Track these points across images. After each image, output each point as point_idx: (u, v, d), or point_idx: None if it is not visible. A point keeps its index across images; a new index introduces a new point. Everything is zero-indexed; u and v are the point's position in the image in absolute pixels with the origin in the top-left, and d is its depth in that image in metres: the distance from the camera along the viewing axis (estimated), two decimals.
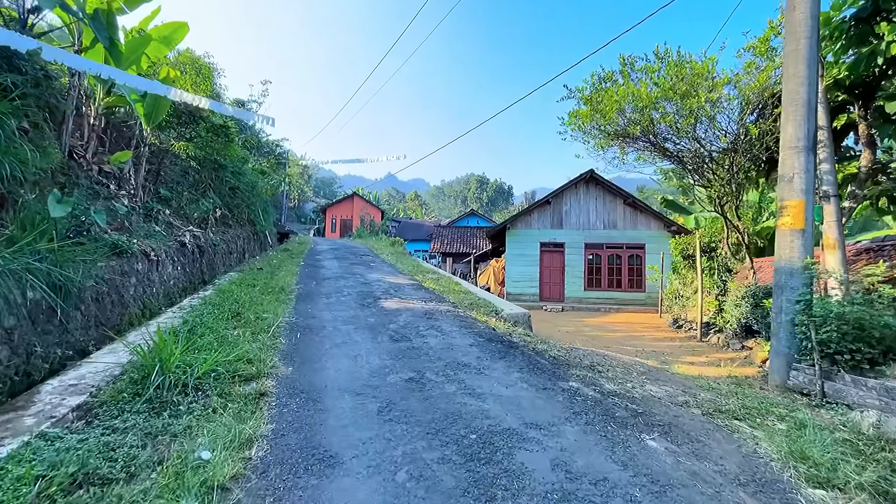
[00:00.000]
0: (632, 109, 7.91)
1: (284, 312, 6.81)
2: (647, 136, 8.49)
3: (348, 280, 10.56)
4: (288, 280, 9.79)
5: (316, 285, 9.65)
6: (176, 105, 12.36)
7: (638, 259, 17.18)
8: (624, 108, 7.97)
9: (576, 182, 17.52)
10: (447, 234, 31.35)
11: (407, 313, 7.21)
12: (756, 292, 7.66)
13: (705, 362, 6.99)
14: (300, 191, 61.97)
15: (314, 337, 5.73)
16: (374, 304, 7.83)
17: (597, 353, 6.29)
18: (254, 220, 18.50)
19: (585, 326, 11.55)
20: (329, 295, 8.60)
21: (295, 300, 7.89)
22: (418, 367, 4.70)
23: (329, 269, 12.45)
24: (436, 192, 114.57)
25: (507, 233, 17.81)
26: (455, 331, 6.28)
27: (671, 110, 7.62)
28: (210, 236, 11.99)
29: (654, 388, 4.69)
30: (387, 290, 9.29)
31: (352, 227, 41.80)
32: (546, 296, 17.47)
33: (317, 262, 14.14)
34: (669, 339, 9.62)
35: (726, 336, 8.39)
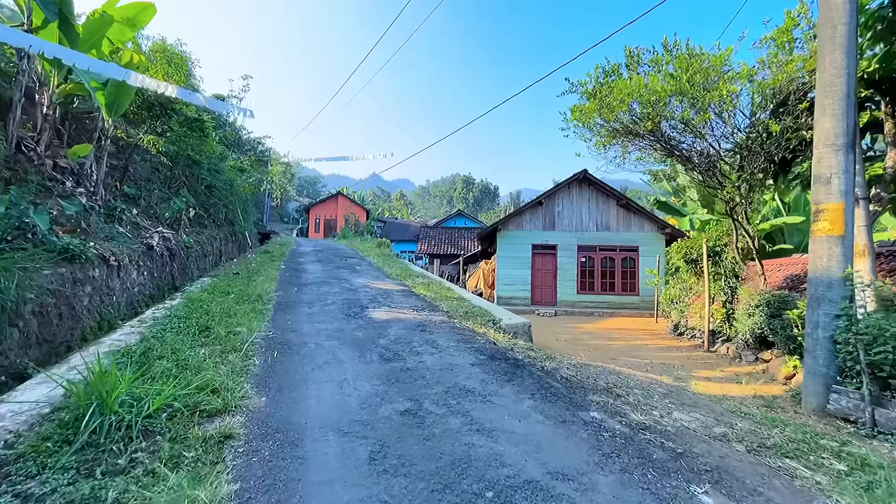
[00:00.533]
0: (642, 104, 7.41)
1: (261, 325, 6.08)
2: (655, 133, 7.99)
3: (332, 286, 9.84)
4: (266, 286, 9.03)
5: (297, 292, 8.91)
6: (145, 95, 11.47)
7: (631, 262, 16.81)
8: (633, 102, 7.45)
9: (568, 182, 17.06)
10: (434, 234, 30.69)
11: (398, 325, 6.55)
12: (771, 301, 7.23)
13: (722, 378, 6.52)
14: (283, 190, 60.62)
15: (294, 356, 5.03)
16: (361, 315, 7.15)
17: (608, 370, 5.72)
18: (232, 220, 17.61)
19: (583, 334, 11.04)
20: (311, 304, 7.88)
21: (273, 310, 7.16)
22: (415, 395, 4.05)
23: (312, 274, 11.69)
24: (421, 192, 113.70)
25: (497, 234, 17.25)
26: (453, 346, 5.64)
27: (687, 104, 7.12)
28: (182, 238, 11.14)
29: (684, 415, 4.13)
30: (375, 298, 8.61)
31: (336, 228, 40.82)
32: (538, 299, 16.97)
33: (299, 266, 13.34)
34: (674, 348, 9.16)
35: (737, 347, 7.96)
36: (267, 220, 43.96)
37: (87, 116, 10.76)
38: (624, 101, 7.47)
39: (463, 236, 30.37)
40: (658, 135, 8.12)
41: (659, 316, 13.81)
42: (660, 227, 16.71)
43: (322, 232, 41.82)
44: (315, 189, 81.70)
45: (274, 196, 57.63)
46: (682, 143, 8.29)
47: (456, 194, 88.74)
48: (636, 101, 7.36)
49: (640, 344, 9.48)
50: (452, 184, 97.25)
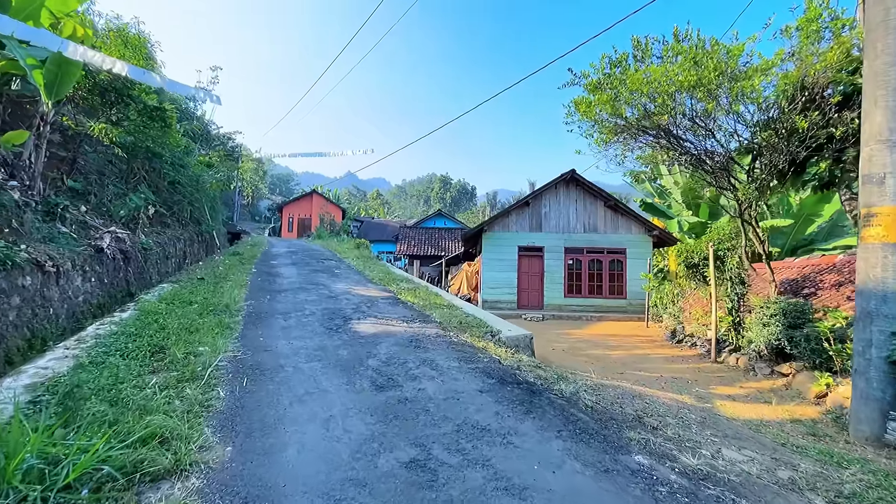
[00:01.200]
0: (660, 95, 6.83)
1: (227, 343, 5.19)
2: (666, 129, 7.46)
3: (310, 293, 8.94)
4: (235, 294, 8.07)
5: (270, 300, 7.99)
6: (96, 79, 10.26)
7: (619, 264, 16.46)
8: (649, 94, 6.87)
9: (556, 183, 16.57)
10: (414, 235, 29.86)
11: (388, 341, 5.76)
12: (788, 310, 6.80)
13: (746, 396, 6.03)
14: (254, 188, 58.50)
15: (267, 384, 4.18)
16: (344, 328, 6.32)
17: (628, 391, 5.11)
18: (199, 219, 16.36)
19: (578, 341, 10.49)
20: (287, 314, 6.99)
21: (243, 323, 6.25)
22: (420, 437, 3.29)
23: (286, 279, 10.73)
24: (397, 191, 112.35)
25: (483, 235, 16.61)
26: (454, 368, 4.91)
27: (709, 96, 6.59)
28: (140, 239, 10.01)
29: (736, 454, 3.52)
30: (358, 307, 7.78)
31: (311, 227, 39.43)
32: (524, 303, 16.41)
33: (272, 269, 12.33)
34: (678, 358, 8.69)
35: (749, 358, 7.52)
36: (238, 218, 42.13)
37: (28, 100, 9.52)
38: (642, 93, 6.89)
39: (443, 237, 29.65)
40: (670, 131, 7.60)
41: (650, 320, 13.45)
42: (647, 229, 16.42)
43: (296, 231, 40.33)
44: (288, 187, 79.44)
45: (245, 194, 55.56)
46: (690, 141, 7.77)
47: (433, 194, 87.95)
48: (654, 92, 6.78)
49: (641, 353, 8.98)
50: (430, 183, 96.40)
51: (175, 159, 14.07)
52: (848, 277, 8.74)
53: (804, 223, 15.88)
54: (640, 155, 9.11)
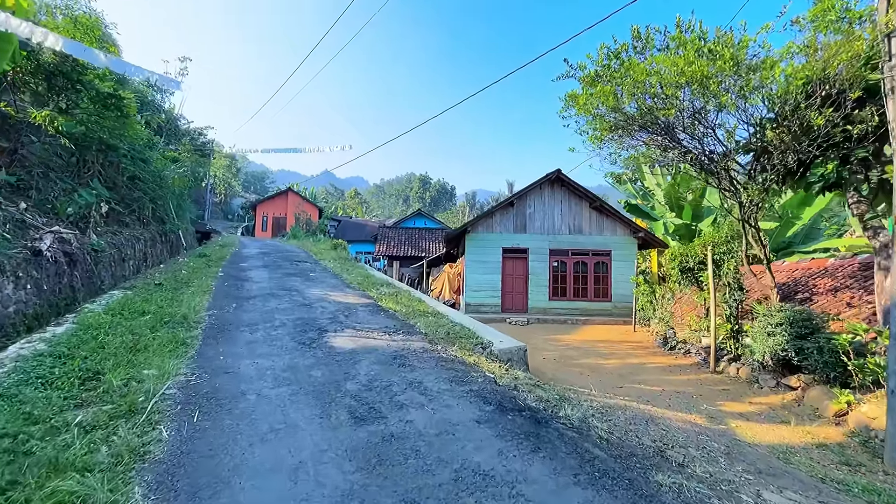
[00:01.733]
0: (668, 86, 6.36)
1: (181, 365, 4.45)
2: (671, 125, 7.02)
3: (282, 299, 8.17)
4: (197, 302, 7.25)
5: (236, 309, 7.20)
6: (39, 61, 9.25)
7: (604, 266, 16.14)
8: (656, 84, 6.39)
9: (541, 183, 16.14)
10: (393, 235, 29.08)
11: (369, 358, 5.10)
12: (795, 318, 6.45)
13: (758, 414, 5.62)
14: (227, 185, 56.45)
15: (224, 418, 3.48)
16: (319, 342, 5.62)
17: (638, 414, 4.61)
18: (162, 218, 15.26)
19: (568, 349, 10.02)
20: (254, 326, 6.24)
21: (202, 338, 5.48)
22: (410, 492, 2.67)
23: (256, 283, 9.90)
24: (376, 190, 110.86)
25: (466, 236, 16.03)
26: (446, 391, 4.29)
27: (719, 89, 6.15)
28: (91, 239, 9.05)
29: (778, 497, 3.03)
30: (335, 316, 7.08)
31: (285, 226, 38.15)
32: (508, 306, 15.92)
33: (241, 273, 11.46)
34: (675, 367, 8.30)
35: (751, 369, 7.15)
36: (209, 217, 40.46)
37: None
38: (649, 84, 6.39)
39: (424, 237, 28.97)
40: (673, 128, 7.17)
41: (637, 325, 13.13)
42: (632, 231, 16.16)
43: (270, 231, 38.96)
44: (263, 185, 77.19)
45: (217, 191, 53.53)
46: (696, 139, 7.32)
47: (413, 193, 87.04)
48: (662, 83, 6.29)
49: (636, 363, 8.56)
50: (409, 182, 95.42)
51: (135, 153, 13.00)
52: (843, 283, 8.54)
53: (785, 226, 15.93)
54: (633, 154, 8.69)
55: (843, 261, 9.33)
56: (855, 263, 8.86)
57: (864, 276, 8.16)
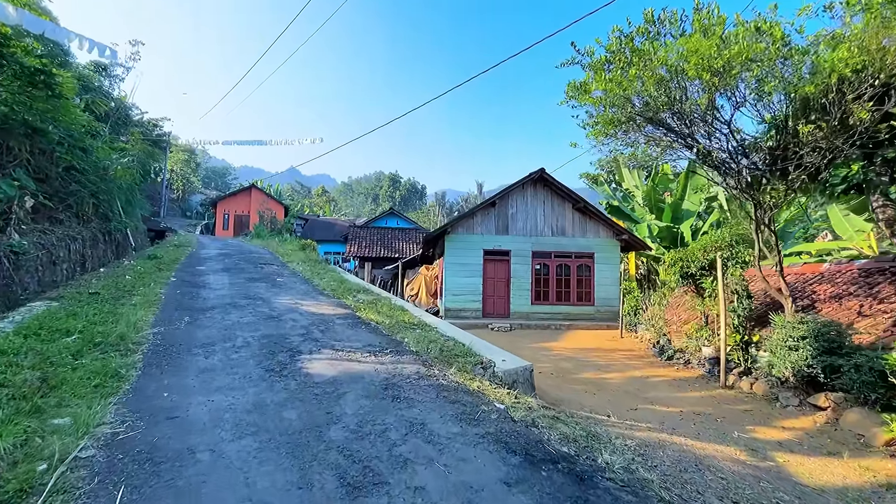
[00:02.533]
0: (703, 70, 5.70)
1: (107, 410, 3.39)
2: (690, 116, 6.41)
3: (245, 311, 7.06)
4: (140, 315, 6.07)
5: (190, 324, 6.07)
6: None
7: (587, 269, 15.68)
8: (692, 67, 5.71)
9: (523, 182, 15.49)
10: (365, 235, 27.87)
11: (355, 389, 4.17)
12: (821, 332, 5.98)
13: (798, 442, 5.04)
14: (185, 181, 53.42)
15: (162, 499, 2.49)
16: (292, 368, 4.63)
17: (684, 455, 3.89)
18: (107, 215, 13.65)
19: (561, 359, 9.35)
20: (211, 347, 5.16)
21: (142, 366, 4.39)
22: None
23: (215, 290, 8.71)
24: (344, 188, 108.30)
25: (446, 238, 15.18)
26: (457, 435, 3.43)
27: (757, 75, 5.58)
28: (12, 239, 7.68)
29: None
30: (309, 332, 6.07)
31: (249, 225, 36.13)
32: (490, 311, 15.19)
33: (197, 277, 10.18)
34: (683, 382, 7.73)
35: (769, 385, 6.63)
36: (165, 214, 37.93)
37: None
38: (676, 70, 5.72)
39: (397, 237, 27.91)
40: (692, 119, 6.57)
41: (625, 331, 12.68)
42: (616, 233, 15.77)
43: (232, 229, 36.82)
44: (225, 181, 73.78)
45: (174, 187, 50.60)
46: (719, 131, 6.70)
47: (382, 192, 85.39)
48: (700, 66, 5.62)
49: (639, 376, 7.97)
50: (378, 181, 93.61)
51: (73, 140, 11.42)
52: (845, 289, 8.24)
53: None
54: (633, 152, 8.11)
55: (839, 266, 9.09)
56: (853, 269, 8.60)
57: (868, 282, 7.88)
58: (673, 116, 6.74)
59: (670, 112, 6.59)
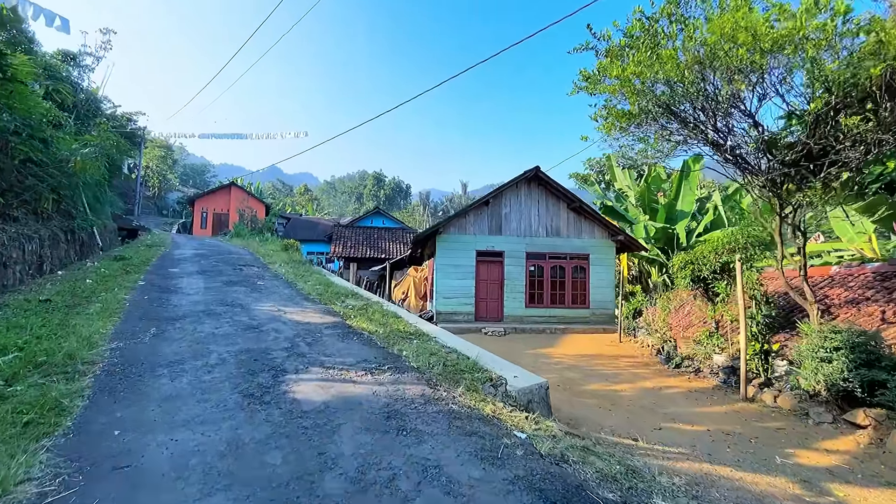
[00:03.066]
0: (755, 49, 5.16)
1: (38, 454, 2.66)
2: (709, 109, 5.90)
3: (221, 320, 6.30)
4: (98, 327, 5.28)
5: (156, 338, 5.29)
6: None
7: (582, 271, 15.22)
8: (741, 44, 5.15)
9: (517, 181, 14.93)
10: (350, 235, 27.01)
11: (352, 420, 3.51)
12: (857, 343, 5.53)
13: (848, 469, 4.56)
14: (162, 178, 51.50)
15: None
16: (275, 392, 3.94)
17: (738, 494, 3.33)
18: (70, 212, 12.64)
19: (564, 368, 8.82)
20: (179, 367, 4.42)
21: (91, 394, 3.64)
22: None
23: (188, 296, 7.89)
24: (326, 187, 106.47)
25: (437, 238, 14.53)
26: (481, 483, 2.80)
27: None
28: None
29: None
30: (294, 345, 5.36)
31: (228, 224, 34.85)
32: (482, 314, 14.60)
33: (169, 281, 9.32)
34: (700, 393, 7.22)
35: (797, 399, 6.14)
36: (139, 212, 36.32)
37: None
38: (716, 51, 5.15)
39: (383, 237, 27.13)
40: (716, 110, 6.07)
41: (624, 335, 12.24)
42: (611, 234, 15.35)
43: (210, 228, 35.46)
44: (203, 179, 71.66)
45: (150, 184, 48.73)
46: (753, 122, 6.19)
47: (366, 191, 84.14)
48: (750, 43, 5.07)
49: (650, 387, 7.48)
50: (362, 180, 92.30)
51: (31, 130, 10.43)
52: (861, 294, 7.90)
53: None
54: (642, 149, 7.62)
55: (849, 269, 8.77)
56: (866, 272, 8.28)
57: (886, 287, 7.54)
58: (698, 106, 6.22)
59: (698, 100, 6.06)
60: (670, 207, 17.08)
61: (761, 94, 5.96)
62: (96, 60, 27.51)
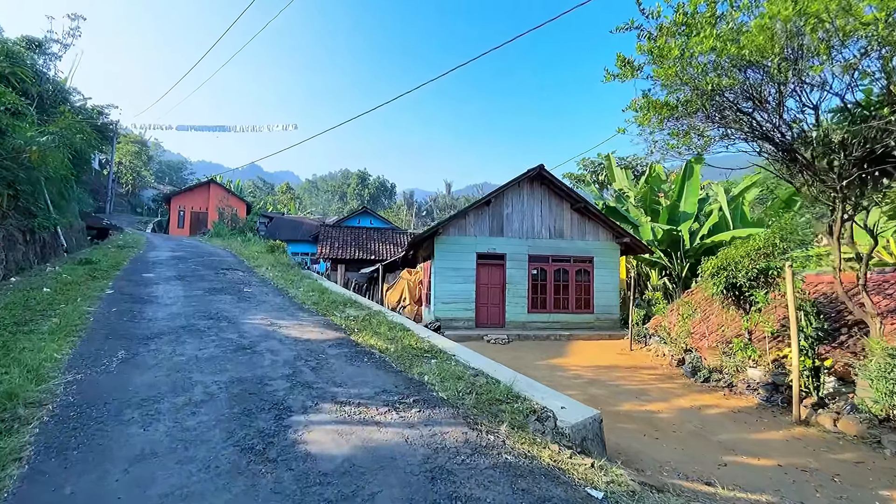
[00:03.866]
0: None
1: None
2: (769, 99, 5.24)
3: (205, 338, 5.35)
4: (49, 352, 4.30)
5: (123, 364, 4.33)
6: None
7: (586, 274, 14.58)
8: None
9: (519, 180, 14.18)
10: (338, 235, 25.91)
11: (388, 486, 2.66)
12: None
13: None
14: (136, 174, 49.28)
15: None
16: (282, 445, 3.06)
17: None
18: (31, 209, 11.41)
19: (585, 382, 8.10)
20: (153, 407, 3.48)
21: (32, 454, 2.70)
22: None
23: (165, 307, 6.88)
24: (308, 185, 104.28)
25: (436, 239, 13.68)
26: None
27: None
28: None
29: None
30: (296, 372, 4.46)
31: (207, 223, 33.25)
32: (483, 321, 13.82)
33: (142, 289, 8.26)
34: (743, 413, 6.55)
35: (867, 424, 5.55)
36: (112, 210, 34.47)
37: None
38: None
39: (373, 238, 26.11)
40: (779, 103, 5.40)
41: (634, 342, 11.63)
42: (615, 236, 14.75)
43: (188, 228, 33.81)
44: (180, 176, 69.15)
45: (123, 181, 46.56)
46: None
47: (350, 190, 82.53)
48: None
49: (687, 406, 6.80)
50: (345, 178, 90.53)
51: None
52: None
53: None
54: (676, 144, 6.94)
55: (883, 275, 8.28)
56: None
57: None
58: (786, 91, 5.49)
59: (787, 81, 5.29)
60: (673, 209, 16.62)
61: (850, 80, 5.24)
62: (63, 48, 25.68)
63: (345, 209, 70.43)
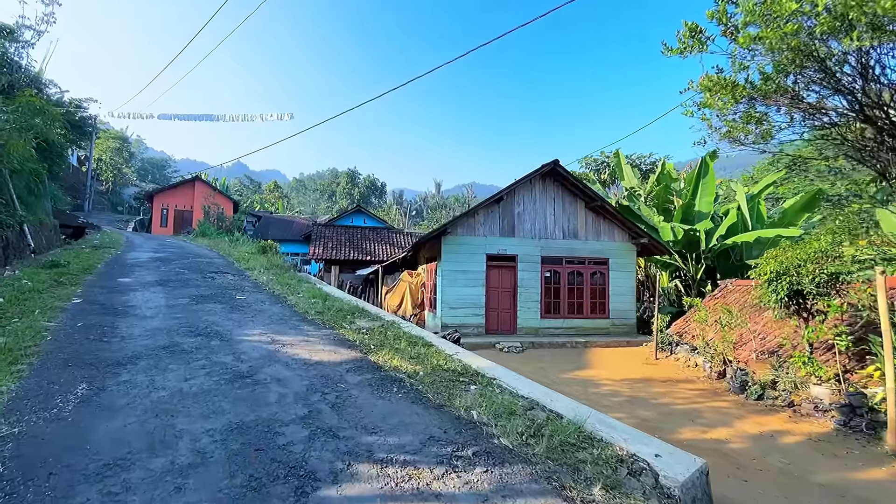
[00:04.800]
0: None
1: None
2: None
3: (192, 362, 4.30)
4: None
5: (84, 404, 3.28)
6: None
7: (601, 277, 13.75)
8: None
9: (531, 177, 13.28)
10: (332, 235, 24.75)
11: None
12: None
13: None
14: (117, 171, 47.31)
15: None
16: None
17: None
18: None
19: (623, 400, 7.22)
20: (119, 479, 2.45)
21: None
22: None
23: (143, 319, 5.79)
24: (296, 184, 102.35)
25: (443, 240, 12.71)
26: None
27: None
28: None
29: None
30: (313, 411, 3.46)
31: (192, 222, 31.79)
32: (493, 327, 12.89)
33: (117, 297, 7.14)
34: (823, 439, 5.74)
35: None
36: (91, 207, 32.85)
37: None
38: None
39: (368, 238, 25.01)
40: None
41: (659, 350, 10.80)
42: (631, 237, 13.95)
43: (172, 227, 32.30)
44: (164, 174, 66.94)
45: (103, 178, 44.66)
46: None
47: (339, 189, 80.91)
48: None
49: (754, 433, 5.93)
50: (334, 177, 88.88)
51: None
52: None
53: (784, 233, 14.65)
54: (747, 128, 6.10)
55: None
56: None
57: None
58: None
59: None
60: (688, 208, 15.88)
61: None
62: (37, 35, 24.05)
63: (333, 208, 68.96)
